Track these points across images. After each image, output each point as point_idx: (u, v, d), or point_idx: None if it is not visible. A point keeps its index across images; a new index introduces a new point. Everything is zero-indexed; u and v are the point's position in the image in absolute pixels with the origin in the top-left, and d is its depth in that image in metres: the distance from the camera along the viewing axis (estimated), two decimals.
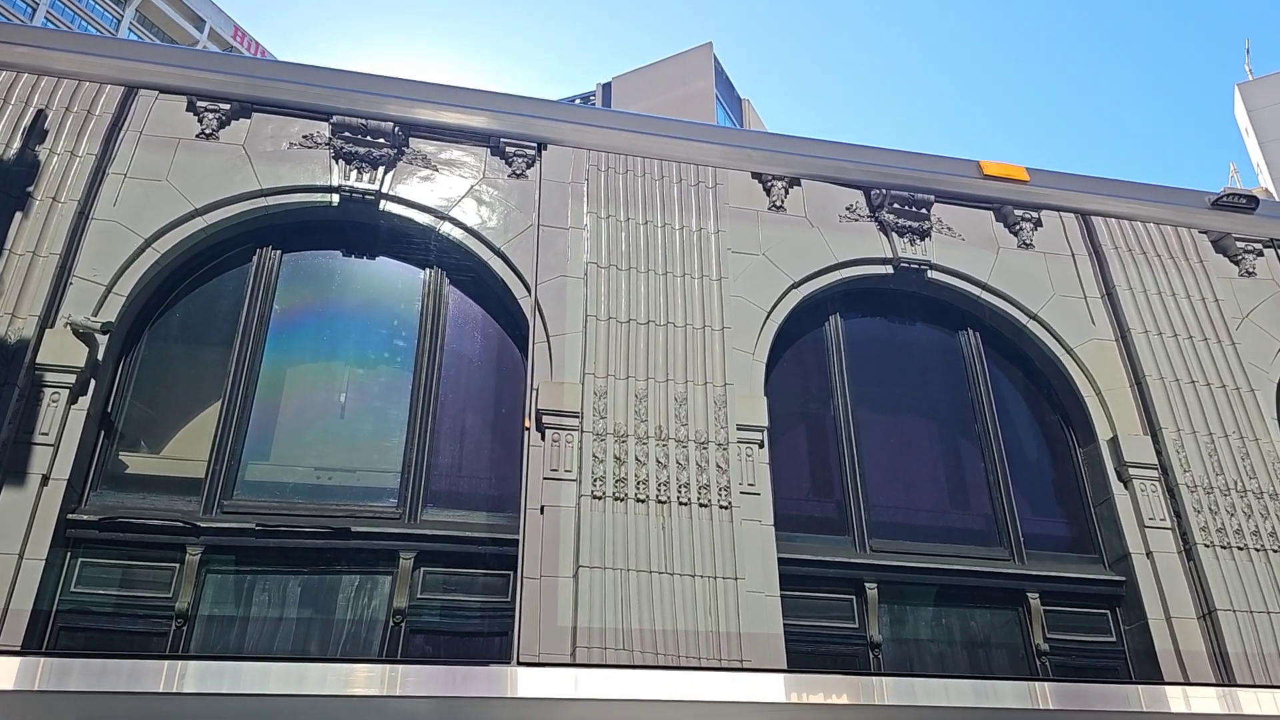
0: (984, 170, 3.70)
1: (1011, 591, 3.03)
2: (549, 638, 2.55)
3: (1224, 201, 3.81)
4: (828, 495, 3.17)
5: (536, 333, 2.98)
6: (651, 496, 2.83)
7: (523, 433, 2.81)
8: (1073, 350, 3.44)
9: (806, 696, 2.62)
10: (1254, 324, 3.61)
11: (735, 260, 3.31)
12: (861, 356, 3.39)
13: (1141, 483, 3.19)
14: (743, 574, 2.77)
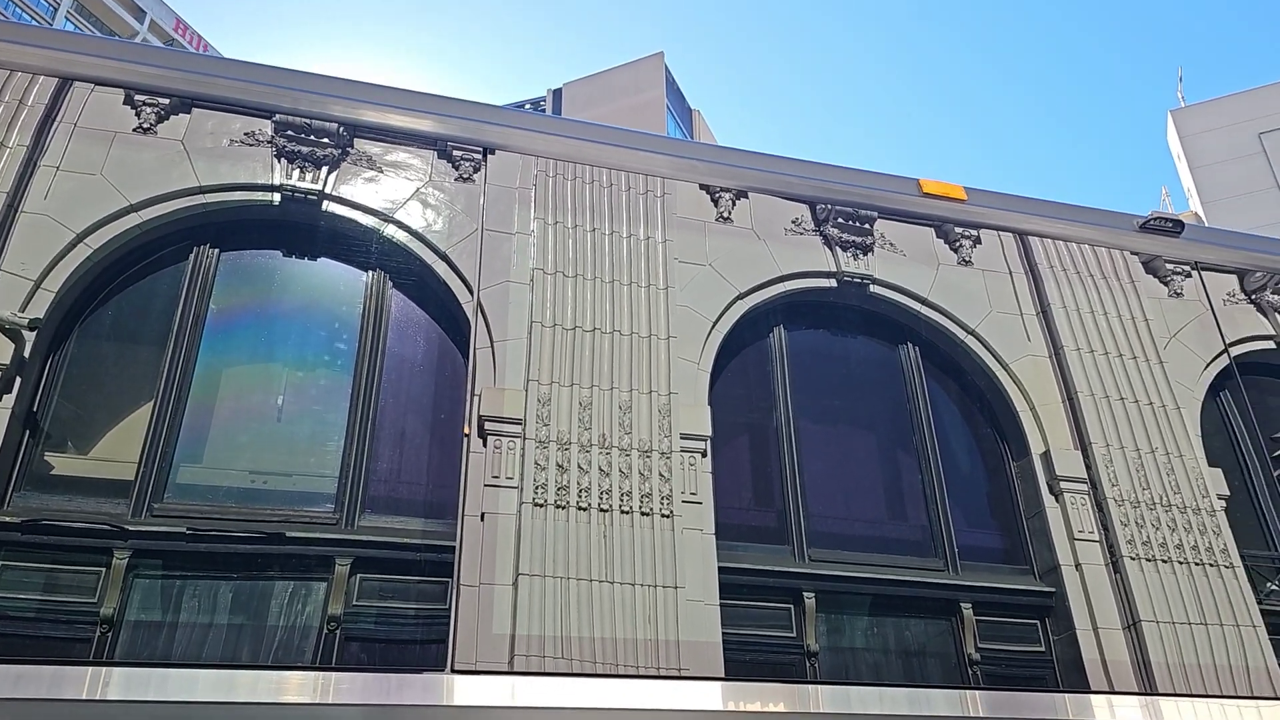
0: (923, 188, 3.77)
1: (945, 602, 3.08)
2: (486, 645, 2.52)
3: (1150, 225, 3.93)
4: (768, 505, 3.19)
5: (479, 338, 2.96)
6: (593, 504, 2.83)
7: (462, 439, 2.78)
8: (1008, 365, 3.51)
9: (744, 705, 2.64)
10: (1181, 343, 3.73)
11: (682, 270, 3.33)
12: (804, 368, 3.43)
13: (1072, 496, 3.28)
14: (683, 583, 2.78)
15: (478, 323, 2.98)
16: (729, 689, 2.65)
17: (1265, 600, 3.26)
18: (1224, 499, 3.40)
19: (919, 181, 3.80)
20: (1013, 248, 3.78)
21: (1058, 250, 3.82)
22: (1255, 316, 3.94)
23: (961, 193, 3.81)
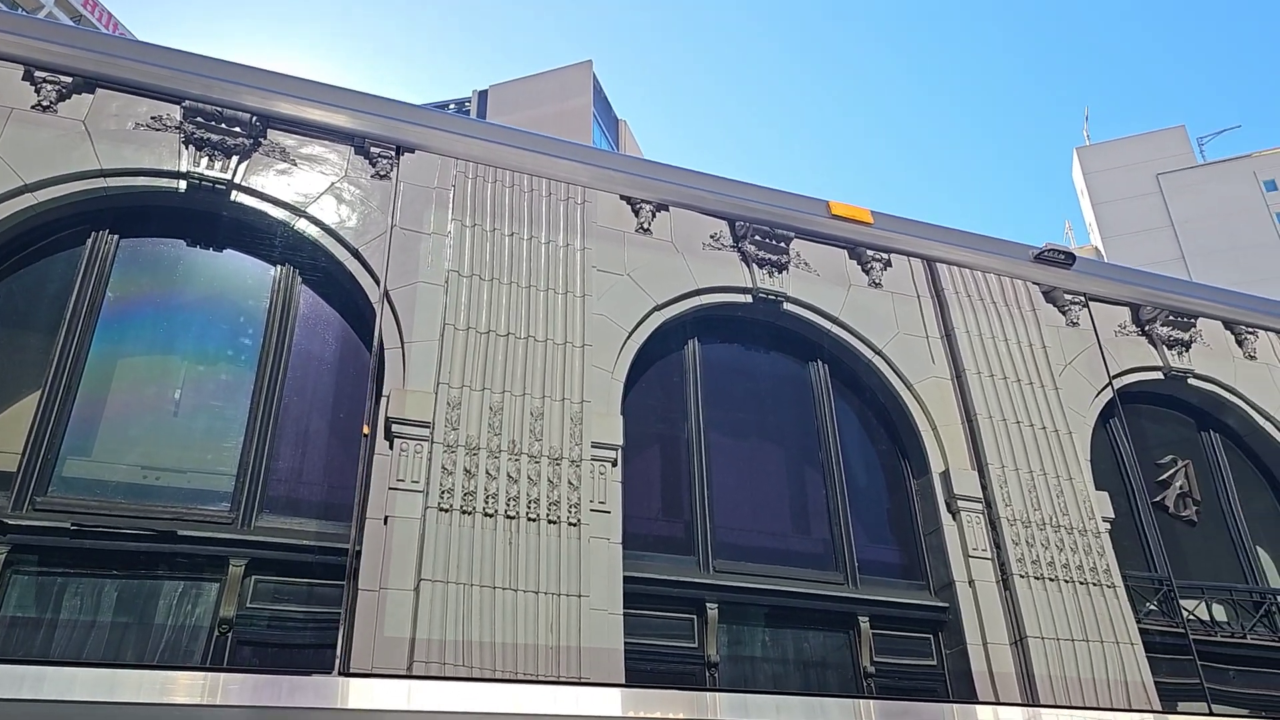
0: (832, 210, 3.86)
1: (844, 615, 3.14)
2: (384, 650, 2.48)
3: (1044, 256, 4.10)
4: (676, 515, 3.21)
5: (388, 338, 2.91)
6: (500, 511, 2.81)
7: (362, 439, 2.73)
8: (913, 386, 3.61)
9: (643, 711, 2.64)
10: (1075, 371, 3.89)
11: (599, 279, 3.33)
12: (717, 381, 3.46)
13: (968, 515, 3.38)
14: (587, 591, 2.78)
15: (382, 314, 2.93)
16: (629, 695, 2.66)
17: (1143, 619, 3.41)
18: (1109, 521, 3.55)
19: (828, 204, 3.88)
20: (921, 273, 3.89)
21: (963, 276, 3.95)
22: (1146, 348, 4.14)
23: (869, 216, 3.91)
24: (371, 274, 3.00)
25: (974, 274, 3.97)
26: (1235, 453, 4.07)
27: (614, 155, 3.79)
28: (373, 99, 3.35)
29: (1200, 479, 3.93)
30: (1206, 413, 4.11)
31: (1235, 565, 3.84)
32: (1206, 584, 3.73)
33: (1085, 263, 4.20)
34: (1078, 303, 4.09)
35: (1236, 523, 3.91)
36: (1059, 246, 4.14)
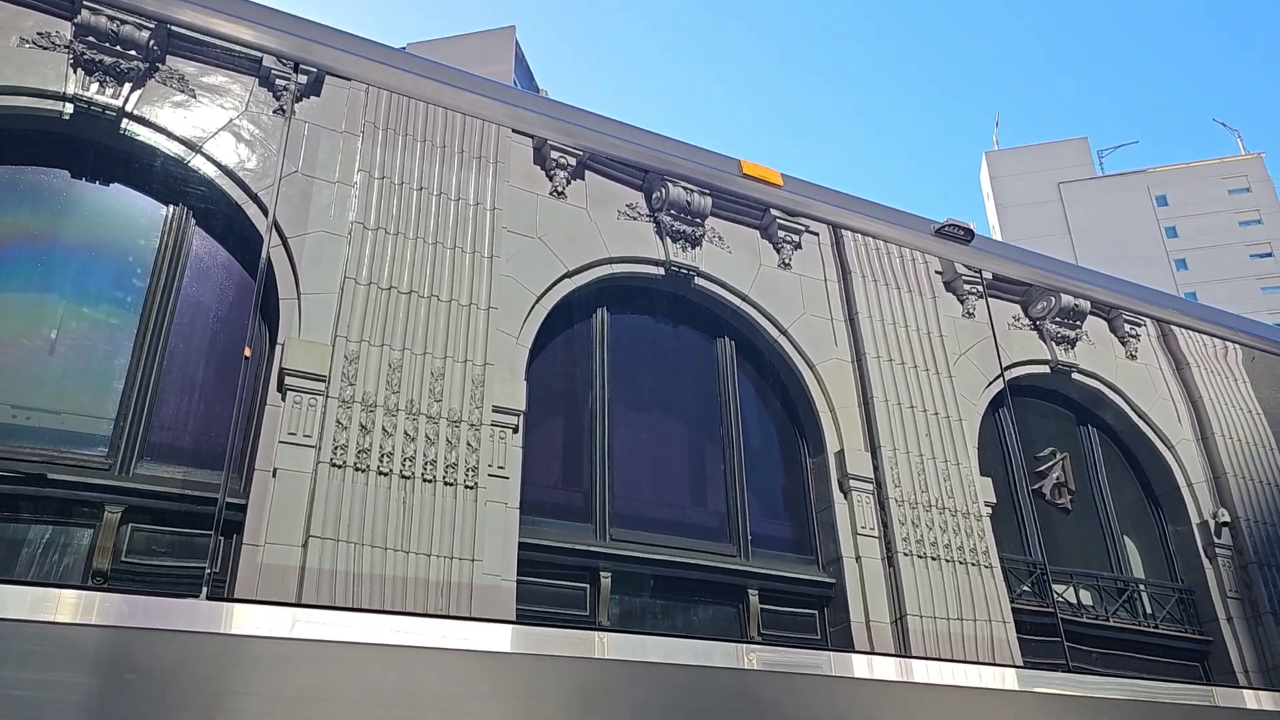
0: (743, 169, 3.89)
1: (735, 587, 3.19)
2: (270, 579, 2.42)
3: (945, 230, 4.22)
4: (575, 484, 3.21)
5: (283, 288, 2.81)
6: (395, 470, 2.75)
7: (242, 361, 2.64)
8: (815, 367, 3.68)
9: (532, 648, 2.66)
10: (969, 361, 4.02)
11: (509, 240, 3.28)
12: (623, 352, 3.46)
13: (859, 494, 3.47)
14: (481, 556, 2.75)
15: (270, 237, 2.83)
16: (519, 632, 2.66)
17: (1016, 599, 3.56)
18: (990, 506, 3.69)
19: (740, 162, 3.91)
20: (830, 256, 3.95)
21: (870, 262, 4.03)
22: (1036, 342, 4.30)
23: (779, 178, 3.96)
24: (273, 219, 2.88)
25: (880, 259, 4.05)
26: (1110, 446, 4.28)
27: (535, 97, 3.72)
28: (285, 16, 3.19)
29: (1076, 470, 4.12)
30: (1086, 407, 4.30)
31: (1103, 553, 4.04)
32: (1076, 569, 3.91)
33: (981, 240, 4.33)
34: (975, 293, 4.22)
35: (1107, 513, 4.11)
36: (959, 222, 4.26)
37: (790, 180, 4.01)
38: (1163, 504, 4.23)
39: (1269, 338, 5.01)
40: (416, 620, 2.56)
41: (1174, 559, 4.14)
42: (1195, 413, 4.47)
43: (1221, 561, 4.14)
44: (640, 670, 2.78)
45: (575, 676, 2.70)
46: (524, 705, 2.58)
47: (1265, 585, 4.15)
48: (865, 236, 4.04)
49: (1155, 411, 4.37)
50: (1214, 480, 4.32)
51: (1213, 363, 4.68)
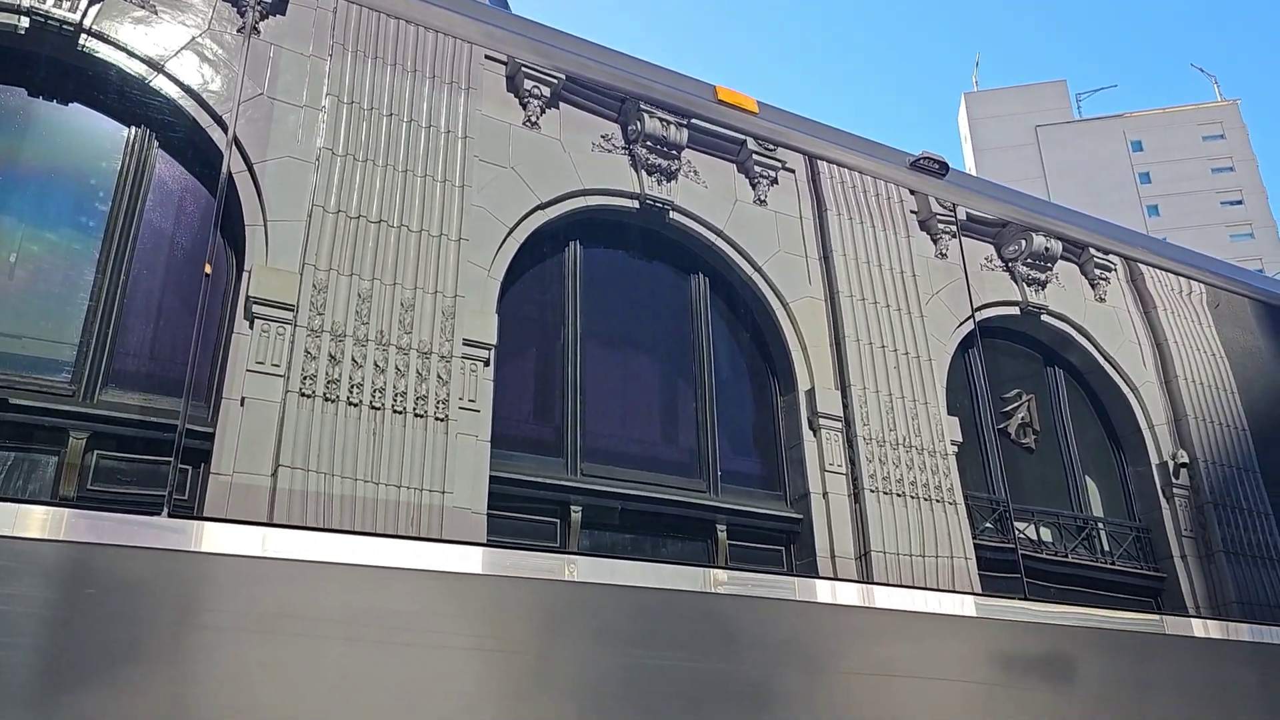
0: (719, 95, 3.84)
1: (704, 522, 3.23)
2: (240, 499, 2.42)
3: (919, 163, 4.21)
4: (547, 419, 3.21)
5: (249, 215, 2.76)
6: (365, 401, 2.74)
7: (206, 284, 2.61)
8: (788, 305, 3.68)
9: (502, 570, 2.69)
10: (940, 301, 4.04)
11: (481, 170, 3.23)
12: (596, 286, 3.44)
13: (828, 432, 3.50)
14: (451, 488, 2.76)
15: (230, 154, 2.77)
16: (489, 555, 2.70)
17: (978, 536, 3.64)
18: (956, 445, 3.74)
19: (715, 88, 3.86)
20: (806, 195, 3.93)
21: (846, 200, 4.01)
22: (1007, 283, 4.32)
23: (754, 105, 3.91)
24: (239, 143, 2.81)
25: (856, 197, 4.04)
26: (1076, 388, 4.34)
27: (508, 15, 3.63)
28: None
29: (1042, 410, 4.18)
30: (1054, 349, 4.35)
31: (1064, 492, 4.12)
32: (1038, 507, 4.00)
33: (956, 174, 4.33)
34: (948, 233, 4.22)
35: (1069, 453, 4.18)
36: (934, 155, 4.24)
37: (766, 108, 3.96)
38: (1124, 445, 4.32)
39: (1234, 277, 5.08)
40: (387, 541, 2.58)
41: (1133, 498, 4.23)
42: (1160, 356, 4.54)
43: (1178, 501, 4.24)
44: (608, 593, 2.82)
45: (544, 598, 2.73)
46: (492, 626, 2.62)
47: (1219, 525, 4.27)
48: (841, 171, 4.01)
49: (1121, 354, 4.42)
50: (1174, 422, 4.40)
51: (1179, 306, 4.74)
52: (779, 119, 3.96)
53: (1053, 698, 3.42)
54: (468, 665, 2.54)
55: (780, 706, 2.90)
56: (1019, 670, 3.43)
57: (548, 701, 2.59)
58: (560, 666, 2.66)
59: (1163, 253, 4.86)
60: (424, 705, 2.43)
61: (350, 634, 2.41)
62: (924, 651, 3.24)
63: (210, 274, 2.64)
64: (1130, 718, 3.53)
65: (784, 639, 3.03)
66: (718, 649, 2.89)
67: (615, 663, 2.73)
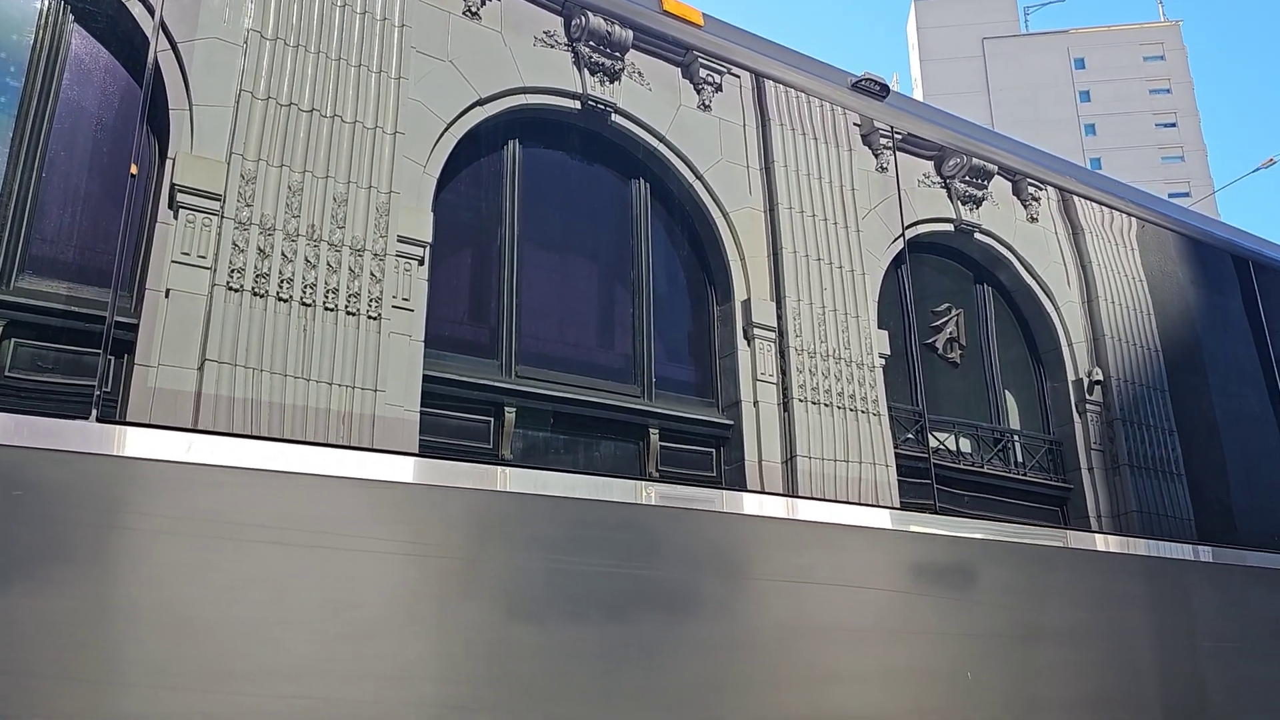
0: (664, 5, 3.76)
1: (636, 426, 3.28)
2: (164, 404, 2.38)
3: (860, 85, 4.19)
4: (482, 320, 3.19)
5: (174, 99, 2.63)
6: (295, 297, 2.69)
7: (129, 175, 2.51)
8: (728, 215, 3.68)
9: (436, 480, 2.73)
10: (878, 216, 4.08)
11: (419, 61, 3.12)
12: (535, 187, 3.39)
13: (761, 342, 3.56)
14: (383, 387, 2.75)
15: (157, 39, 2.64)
16: (421, 464, 2.72)
17: (900, 446, 3.77)
18: (884, 358, 3.84)
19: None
20: (750, 102, 3.89)
21: (789, 111, 3.98)
22: (944, 200, 4.37)
23: (699, 18, 3.84)
24: (162, 23, 2.66)
25: (799, 109, 4.01)
26: (1002, 305, 4.46)
27: None
28: None
29: (969, 326, 4.29)
30: (984, 266, 4.44)
31: (985, 405, 4.27)
32: (959, 419, 4.14)
33: (896, 96, 4.33)
34: (889, 148, 4.24)
35: (992, 368, 4.32)
36: (876, 77, 4.23)
37: (711, 21, 3.88)
38: (1044, 361, 4.47)
39: (1158, 209, 5.21)
40: (316, 449, 2.57)
41: (1048, 413, 4.41)
42: (1084, 277, 4.67)
43: (1090, 416, 4.43)
44: (536, 503, 2.87)
45: (473, 506, 2.77)
46: (420, 531, 2.65)
47: (1126, 440, 4.48)
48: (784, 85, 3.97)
49: (1047, 273, 4.54)
50: (1093, 341, 4.56)
51: (1105, 230, 4.86)
52: (724, 33, 3.89)
53: (956, 606, 3.61)
54: (394, 570, 2.57)
55: (699, 611, 3.02)
56: (928, 579, 3.61)
57: (473, 605, 2.65)
58: (486, 572, 2.71)
59: (1093, 183, 4.95)
60: (349, 608, 2.47)
61: (276, 540, 2.43)
62: (839, 561, 3.38)
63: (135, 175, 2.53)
64: (1027, 625, 3.75)
65: (706, 548, 3.13)
66: (641, 557, 2.98)
67: (541, 568, 2.79)
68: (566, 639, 2.76)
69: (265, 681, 2.33)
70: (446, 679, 2.56)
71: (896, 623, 3.41)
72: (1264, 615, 4.53)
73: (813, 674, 3.15)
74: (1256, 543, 4.74)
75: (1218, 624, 4.36)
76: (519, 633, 2.68)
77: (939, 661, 3.44)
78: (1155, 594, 4.25)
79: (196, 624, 2.29)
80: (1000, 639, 3.64)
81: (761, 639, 3.11)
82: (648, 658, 2.86)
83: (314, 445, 2.57)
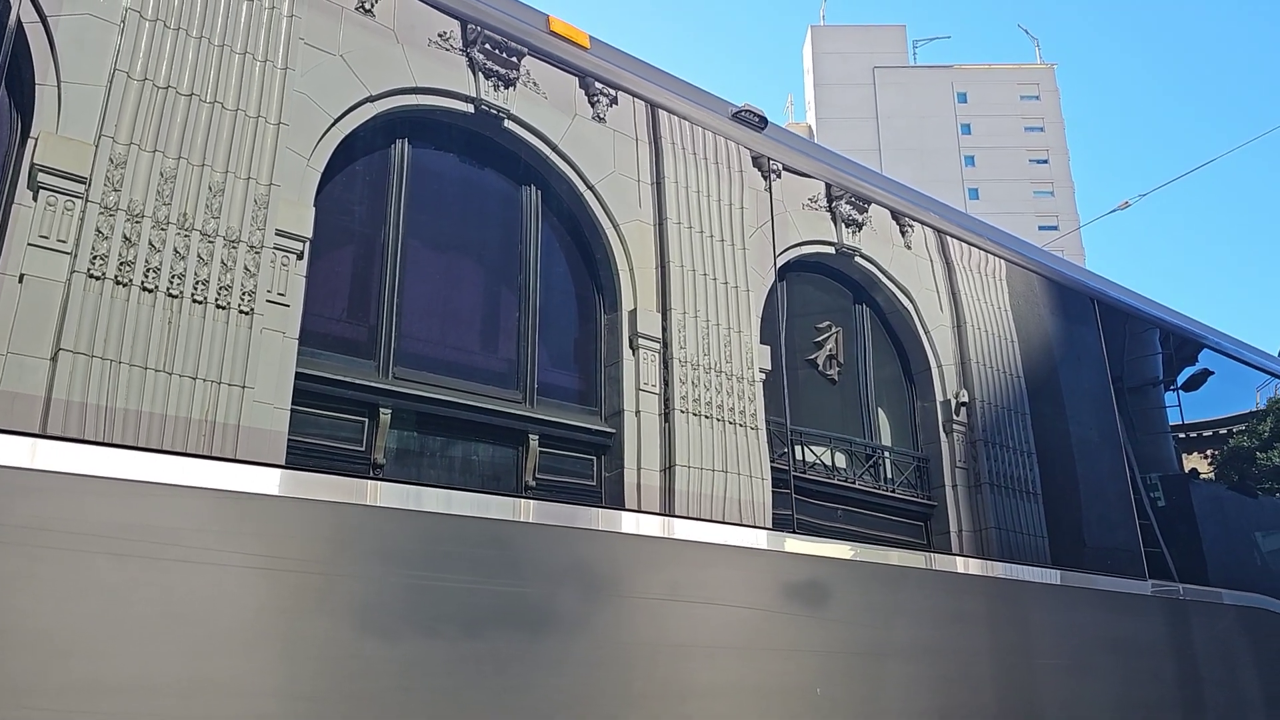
0: (551, 25, 3.77)
1: (516, 432, 3.27)
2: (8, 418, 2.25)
3: (740, 115, 4.30)
4: (361, 319, 3.13)
5: (40, 74, 2.50)
6: (162, 288, 2.58)
7: None
8: (618, 226, 3.71)
9: (303, 493, 2.64)
10: (764, 234, 4.18)
11: (307, 54, 3.04)
12: (423, 189, 3.35)
13: (646, 352, 3.60)
14: (252, 383, 2.67)
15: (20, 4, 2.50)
16: (287, 476, 2.64)
17: (776, 459, 3.87)
18: (765, 372, 3.94)
19: (548, 18, 3.78)
20: (643, 117, 3.94)
21: (681, 129, 4.05)
22: (828, 223, 4.52)
23: (586, 40, 3.86)
24: None
25: (692, 127, 4.08)
26: (878, 326, 4.63)
27: None
28: None
29: (847, 345, 4.44)
30: (863, 288, 4.61)
31: (859, 422, 4.43)
32: (835, 435, 4.28)
33: (774, 129, 4.44)
34: (775, 171, 4.35)
35: (867, 386, 4.48)
36: (754, 109, 4.34)
37: (598, 44, 3.91)
38: (915, 381, 4.66)
39: (1023, 253, 5.51)
40: (167, 458, 2.46)
41: (917, 431, 4.60)
42: (954, 303, 4.89)
43: (956, 436, 4.64)
44: (397, 517, 2.81)
45: (332, 519, 2.70)
46: (271, 545, 2.56)
47: (987, 459, 4.71)
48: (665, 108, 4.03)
49: (921, 298, 4.74)
50: (960, 364, 4.79)
51: (974, 263, 5.11)
52: (611, 57, 3.92)
53: (809, 623, 3.71)
54: (242, 584, 2.48)
55: (558, 628, 3.01)
56: (784, 597, 3.70)
57: (322, 621, 2.57)
58: (339, 587, 2.64)
59: (962, 224, 5.19)
60: (191, 621, 2.37)
61: (117, 550, 2.31)
62: (700, 578, 3.42)
63: None
64: (876, 642, 3.88)
65: (568, 564, 3.12)
66: (501, 573, 2.95)
67: (397, 584, 2.74)
68: (418, 655, 2.71)
69: (88, 696, 2.20)
70: (289, 696, 2.47)
71: (752, 639, 3.48)
72: (1100, 635, 4.82)
73: (666, 691, 3.17)
74: (1098, 564, 5.05)
75: (1057, 642, 4.62)
76: (368, 649, 2.62)
77: (790, 678, 3.52)
78: (1001, 613, 4.48)
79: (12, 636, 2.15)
80: (849, 655, 3.76)
81: (616, 656, 3.13)
82: (500, 675, 2.83)
83: (165, 454, 2.45)
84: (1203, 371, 6.65)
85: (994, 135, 76.71)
